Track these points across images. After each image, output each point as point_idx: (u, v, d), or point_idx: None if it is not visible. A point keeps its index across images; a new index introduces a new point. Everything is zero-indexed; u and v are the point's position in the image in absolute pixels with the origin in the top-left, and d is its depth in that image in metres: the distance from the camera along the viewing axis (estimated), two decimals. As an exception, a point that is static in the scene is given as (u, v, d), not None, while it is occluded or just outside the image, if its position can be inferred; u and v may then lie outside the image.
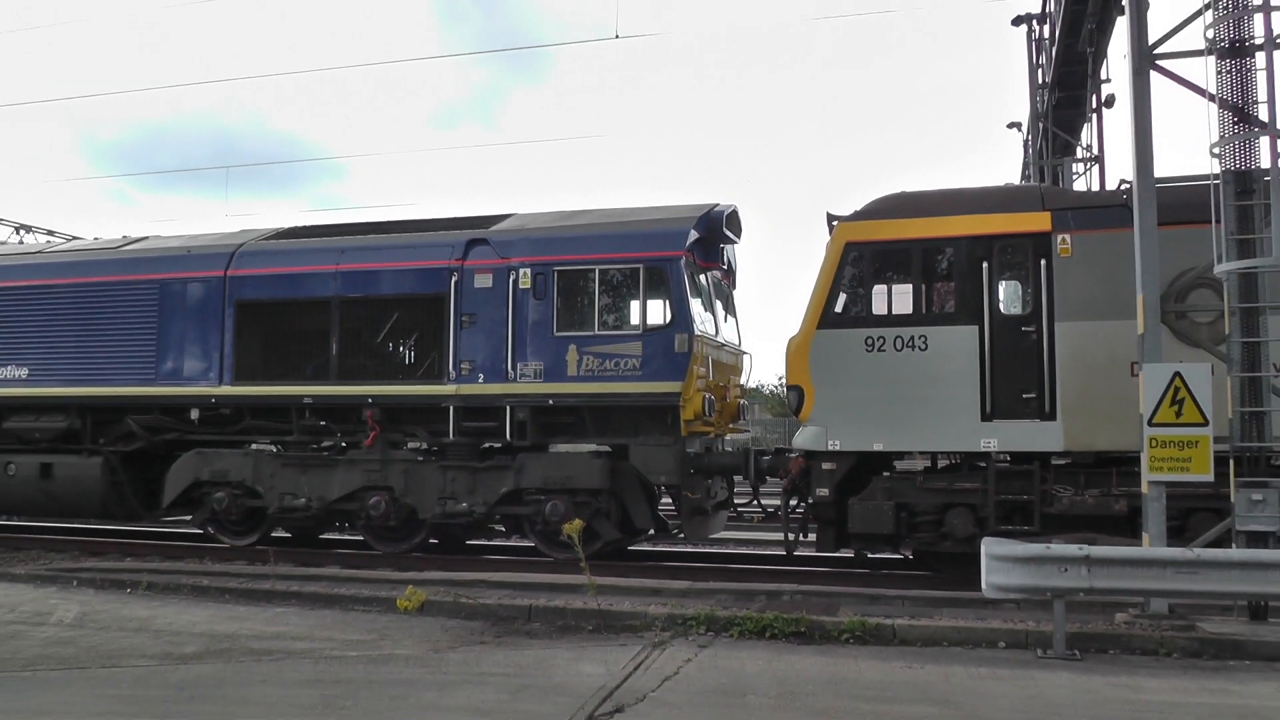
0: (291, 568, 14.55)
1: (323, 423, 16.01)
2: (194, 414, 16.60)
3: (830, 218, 13.49)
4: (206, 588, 13.32)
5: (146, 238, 18.56)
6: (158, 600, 12.86)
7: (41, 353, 17.39)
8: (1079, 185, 21.99)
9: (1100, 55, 18.73)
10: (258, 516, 16.39)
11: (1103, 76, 19.55)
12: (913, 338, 12.69)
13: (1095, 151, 21.17)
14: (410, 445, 15.58)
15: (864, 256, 13.10)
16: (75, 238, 31.41)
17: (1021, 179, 27.62)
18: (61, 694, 8.55)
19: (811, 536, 13.69)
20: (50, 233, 43.23)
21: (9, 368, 17.60)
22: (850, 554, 14.36)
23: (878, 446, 12.85)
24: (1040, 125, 22.56)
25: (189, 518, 17.55)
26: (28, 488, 17.42)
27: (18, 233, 43.06)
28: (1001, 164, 40.96)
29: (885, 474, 13.25)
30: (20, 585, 14.10)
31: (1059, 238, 12.45)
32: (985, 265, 12.59)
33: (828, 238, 13.40)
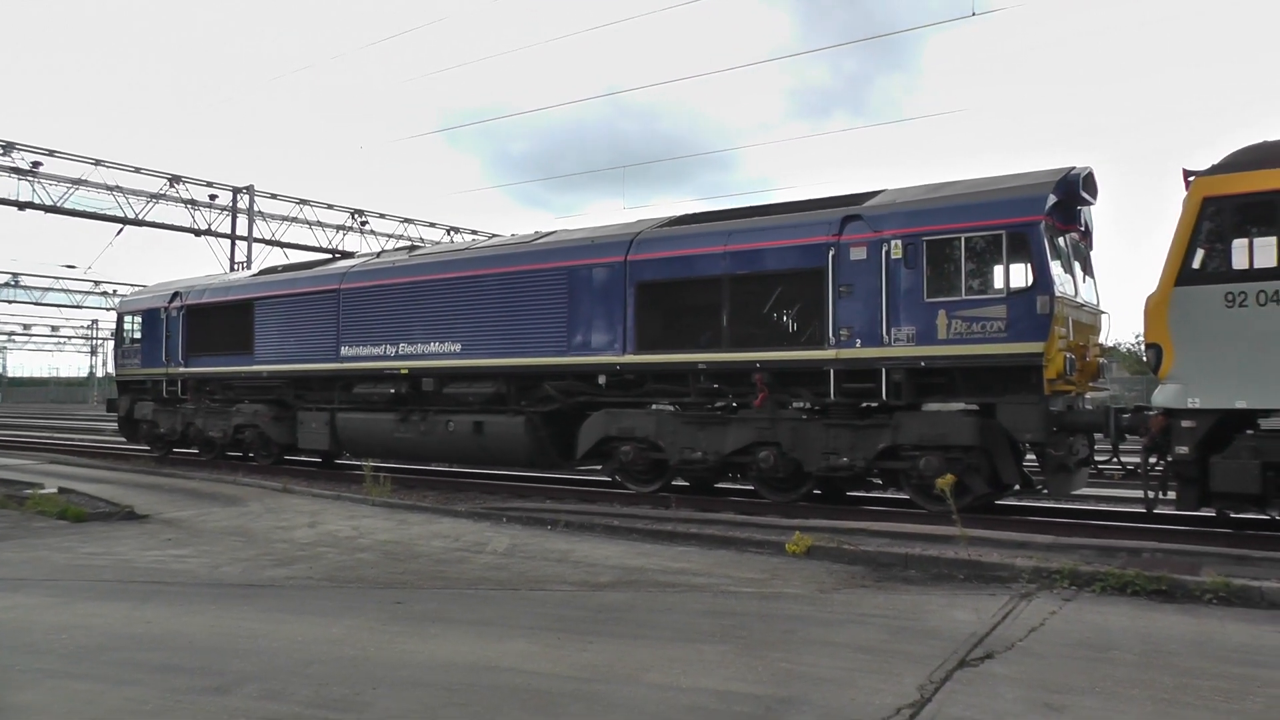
0: (691, 512, 15.82)
1: (715, 385, 17.33)
2: (601, 379, 18.61)
3: (1186, 174, 13.15)
4: (616, 527, 14.54)
5: (555, 232, 20.70)
6: (574, 537, 14.19)
7: (472, 331, 20.10)
8: None
9: None
10: (660, 467, 18.10)
11: None
12: (1276, 292, 12.16)
13: None
14: (795, 405, 16.58)
15: (1223, 210, 12.68)
16: (494, 235, 34.96)
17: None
18: (499, 609, 9.64)
19: (1171, 495, 13.48)
20: (474, 232, 48.65)
21: (447, 344, 20.51)
22: (1212, 513, 13.93)
23: (1240, 404, 12.42)
24: None
25: (599, 467, 19.60)
26: (464, 441, 20.33)
27: (448, 234, 48.61)
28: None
29: (1249, 432, 12.67)
30: (462, 520, 16.01)
31: None
32: None
33: (1184, 194, 13.08)
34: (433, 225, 50.08)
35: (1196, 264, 12.90)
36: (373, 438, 22.09)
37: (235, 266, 45.93)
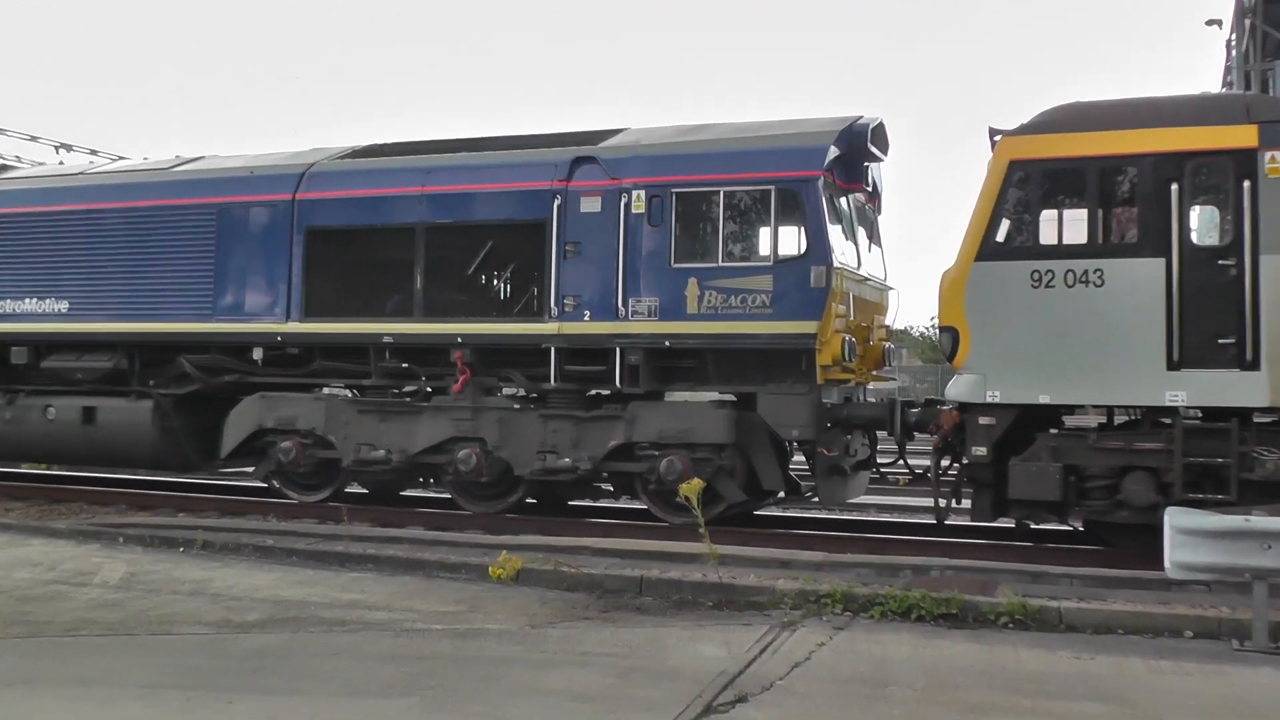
0: (368, 528, 14.71)
1: (405, 365, 16.16)
2: (257, 353, 16.86)
3: (993, 132, 12.89)
4: (271, 548, 13.55)
5: (202, 157, 18.61)
6: (215, 561, 13.14)
7: (84, 284, 17.54)
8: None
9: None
10: (330, 470, 16.51)
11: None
12: (1086, 272, 12.05)
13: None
14: (506, 391, 15.69)
15: (1031, 177, 12.57)
16: (121, 157, 32.17)
17: (1223, 87, 27.55)
18: (108, 661, 8.70)
19: (965, 502, 13.39)
20: (94, 152, 43.58)
21: (48, 301, 17.75)
22: (1010, 524, 13.82)
23: (1044, 399, 12.31)
24: (1247, 22, 22.40)
25: (251, 470, 17.81)
26: (69, 433, 17.67)
27: (58, 152, 43.33)
28: (1199, 70, 40.87)
29: (1052, 431, 12.70)
30: (60, 541, 14.44)
31: (1267, 155, 11.56)
32: (1175, 187, 11.82)
33: (989, 155, 12.80)
34: (35, 139, 44.54)
35: (1001, 237, 12.70)
36: None
37: None
